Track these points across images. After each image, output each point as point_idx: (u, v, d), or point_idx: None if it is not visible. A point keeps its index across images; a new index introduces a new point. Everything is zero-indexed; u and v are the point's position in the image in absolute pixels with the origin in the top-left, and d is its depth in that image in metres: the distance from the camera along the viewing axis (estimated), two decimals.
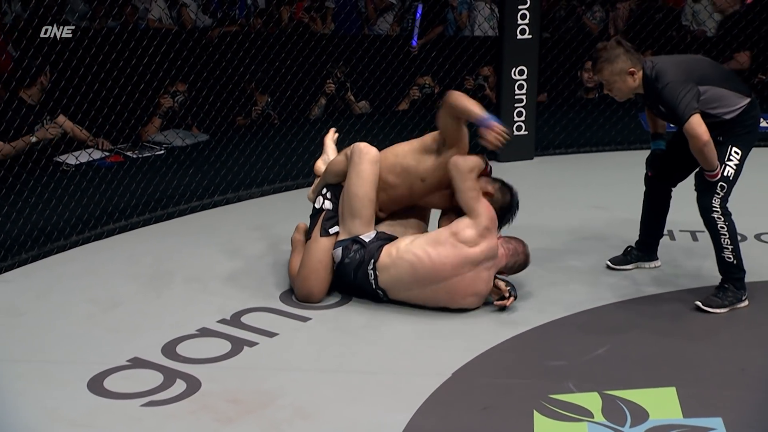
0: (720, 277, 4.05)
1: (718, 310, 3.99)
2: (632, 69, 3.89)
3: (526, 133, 6.23)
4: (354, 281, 4.00)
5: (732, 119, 3.92)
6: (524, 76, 6.14)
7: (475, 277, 3.91)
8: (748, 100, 3.95)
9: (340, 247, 4.00)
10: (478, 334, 3.81)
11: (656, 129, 4.27)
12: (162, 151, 6.03)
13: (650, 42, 7.02)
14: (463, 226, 3.89)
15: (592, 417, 3.22)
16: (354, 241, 3.99)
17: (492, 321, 3.94)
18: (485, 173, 4.07)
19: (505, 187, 4.09)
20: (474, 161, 3.98)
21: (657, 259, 4.49)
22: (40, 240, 4.64)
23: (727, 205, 3.95)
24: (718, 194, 3.92)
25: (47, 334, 3.84)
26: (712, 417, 3.20)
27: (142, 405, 3.31)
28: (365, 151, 4.05)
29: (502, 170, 6.08)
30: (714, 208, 3.92)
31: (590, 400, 3.31)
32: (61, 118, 5.73)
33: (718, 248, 3.98)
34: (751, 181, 4.95)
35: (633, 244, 4.49)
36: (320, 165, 4.45)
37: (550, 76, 6.82)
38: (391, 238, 4.03)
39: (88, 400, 3.35)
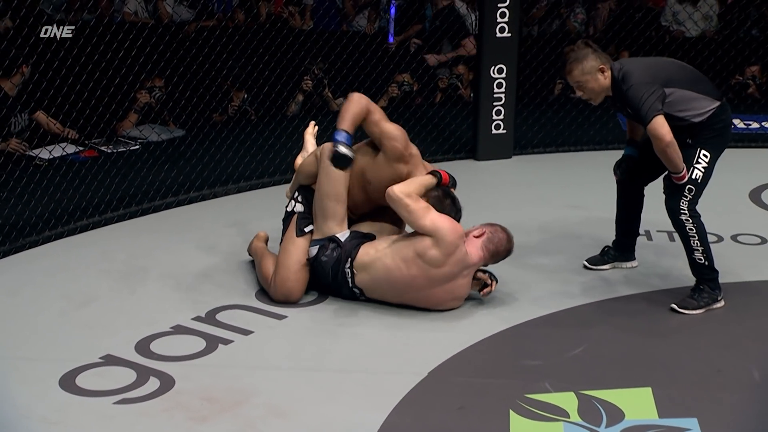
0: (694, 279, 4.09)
1: (693, 312, 4.02)
2: (602, 66, 3.93)
3: (505, 131, 6.24)
4: (330, 280, 4.00)
5: (701, 122, 3.94)
6: (503, 75, 6.15)
7: (452, 286, 3.92)
8: (718, 103, 3.97)
9: (317, 246, 4.00)
10: (455, 334, 3.82)
11: (632, 136, 4.28)
12: (137, 147, 6.00)
13: (629, 42, 7.07)
14: (427, 247, 3.82)
15: (568, 417, 3.24)
16: (330, 240, 3.99)
17: (469, 320, 3.95)
18: (443, 183, 4.02)
19: (444, 196, 3.97)
20: (406, 186, 3.90)
21: (634, 259, 4.52)
22: (12, 235, 4.61)
23: (697, 207, 3.97)
24: (686, 197, 3.93)
25: (18, 330, 3.82)
26: (688, 417, 3.23)
27: (115, 402, 3.29)
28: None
29: (480, 169, 6.14)
30: (682, 211, 3.95)
31: (566, 400, 3.33)
32: (38, 114, 5.71)
33: (689, 250, 4.01)
34: (727, 181, 5.05)
35: (610, 244, 4.52)
36: (299, 161, 4.45)
37: (529, 74, 6.83)
38: (367, 236, 4.03)
39: (60, 397, 3.33)
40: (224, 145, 5.87)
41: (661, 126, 3.80)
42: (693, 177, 3.93)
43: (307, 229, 4.07)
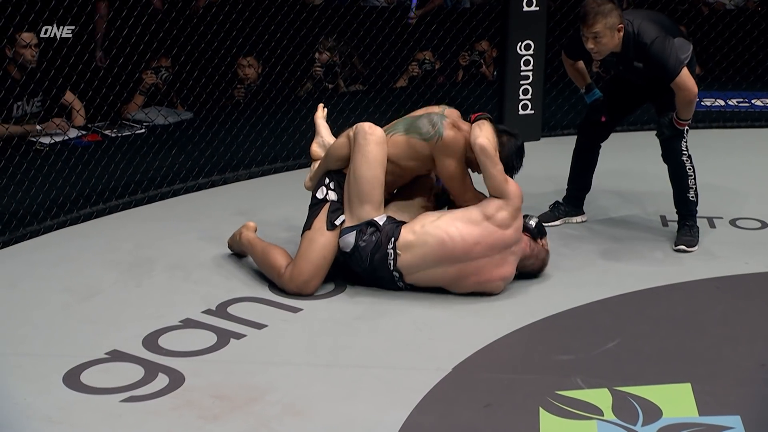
0: (678, 217, 4.58)
1: (695, 248, 4.49)
2: (620, 25, 4.23)
3: (533, 112, 6.22)
4: (370, 264, 4.00)
5: (688, 64, 4.32)
6: (530, 51, 6.12)
7: (503, 260, 3.98)
8: (691, 45, 4.44)
9: (353, 232, 3.99)
10: (481, 327, 3.82)
11: (586, 80, 4.63)
12: (143, 130, 6.01)
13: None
14: (497, 208, 3.95)
15: (602, 415, 3.23)
16: (368, 224, 3.98)
17: (495, 313, 3.94)
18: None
19: (510, 135, 4.18)
20: (495, 141, 4.03)
21: (584, 213, 4.88)
22: (12, 224, 4.63)
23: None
24: (685, 138, 4.43)
25: (20, 325, 3.84)
26: (730, 415, 3.21)
27: (122, 400, 3.31)
28: (370, 131, 4.03)
29: None
30: (683, 151, 4.44)
31: (600, 397, 3.32)
32: (70, 95, 5.74)
33: (684, 189, 4.49)
34: (726, 165, 5.46)
35: (560, 199, 4.87)
36: (316, 149, 4.41)
37: (559, 51, 6.78)
38: (403, 223, 4.03)
39: (64, 395, 3.35)
40: (235, 128, 5.88)
41: (688, 78, 4.23)
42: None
43: (338, 222, 4.05)
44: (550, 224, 4.74)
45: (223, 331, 3.78)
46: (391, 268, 3.98)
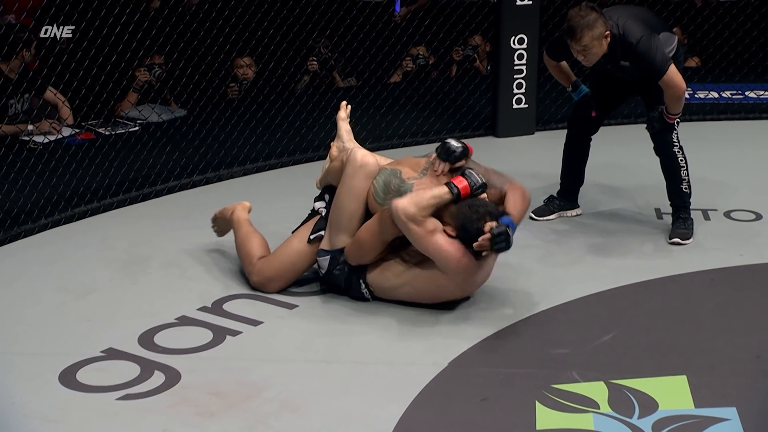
0: (671, 210, 4.59)
1: (689, 241, 4.50)
2: (607, 33, 4.22)
3: (527, 106, 6.22)
4: (344, 290, 3.99)
5: (672, 57, 4.33)
6: (524, 45, 6.12)
7: (486, 271, 3.88)
8: (676, 37, 4.47)
9: (327, 257, 3.97)
10: (476, 322, 3.82)
11: (571, 78, 4.65)
12: (137, 128, 6.00)
13: (658, 8, 7.00)
14: (441, 284, 3.78)
15: (598, 408, 3.23)
16: (340, 252, 3.96)
17: (490, 307, 3.94)
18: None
19: (459, 209, 3.71)
20: (413, 203, 3.67)
21: (578, 206, 4.87)
22: (6, 223, 4.62)
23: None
24: (676, 130, 4.46)
25: (15, 324, 3.83)
26: (726, 407, 3.22)
27: (118, 398, 3.31)
28: (361, 163, 3.90)
29: (500, 146, 6.11)
30: (674, 143, 4.46)
31: (596, 390, 3.32)
32: (49, 94, 5.74)
33: (677, 181, 4.51)
34: (720, 157, 5.52)
35: (554, 194, 4.85)
36: (333, 151, 4.30)
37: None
38: None
39: (60, 393, 3.34)
40: (229, 125, 5.87)
41: (676, 74, 4.24)
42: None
43: (314, 237, 4.01)
44: (545, 218, 4.77)
45: (219, 328, 3.78)
46: (369, 298, 3.95)
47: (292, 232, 4.13)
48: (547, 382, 3.37)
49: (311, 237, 4.02)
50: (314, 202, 4.16)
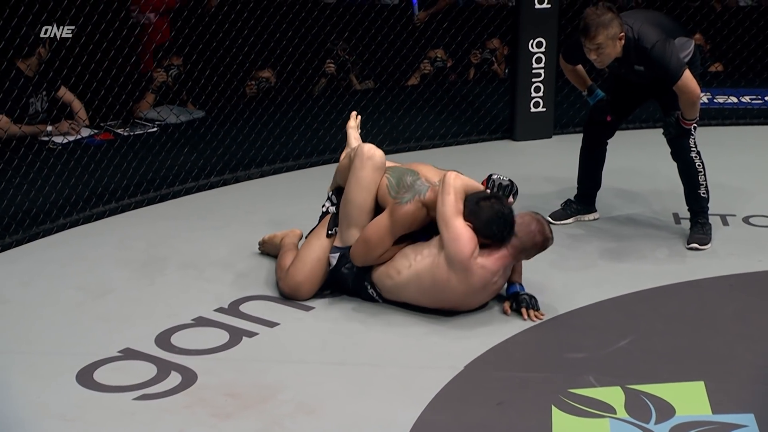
0: (689, 215, 4.58)
1: (708, 246, 4.49)
2: (621, 34, 4.22)
3: (544, 109, 6.21)
4: (351, 291, 4.00)
5: (688, 62, 4.35)
6: (542, 49, 6.11)
7: (484, 295, 3.87)
8: (693, 42, 4.47)
9: (337, 254, 3.97)
10: (493, 325, 3.81)
11: (587, 82, 4.65)
12: (155, 129, 6.02)
13: (677, 12, 6.98)
14: (445, 281, 3.74)
15: (615, 413, 3.22)
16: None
17: None
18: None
19: (489, 200, 3.78)
20: (461, 181, 3.80)
21: (596, 210, 4.86)
22: (25, 223, 4.65)
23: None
24: (693, 135, 4.43)
25: (33, 323, 3.85)
26: (744, 413, 3.20)
27: (135, 398, 3.32)
28: (368, 155, 3.93)
29: (517, 150, 6.11)
30: (692, 148, 4.44)
31: (612, 395, 3.31)
32: (62, 90, 5.76)
33: (695, 186, 4.49)
34: (739, 162, 5.51)
35: (572, 198, 4.85)
36: (344, 158, 4.33)
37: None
38: None
39: (77, 393, 3.36)
40: (246, 127, 5.88)
41: (691, 80, 4.23)
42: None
43: (332, 232, 4.02)
44: (562, 222, 4.75)
45: (236, 330, 3.78)
46: (378, 299, 3.95)
47: (306, 237, 4.14)
48: (563, 387, 3.36)
49: (329, 232, 4.03)
50: (322, 207, 4.17)
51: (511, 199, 3.92)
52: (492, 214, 3.72)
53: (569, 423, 3.18)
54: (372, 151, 3.96)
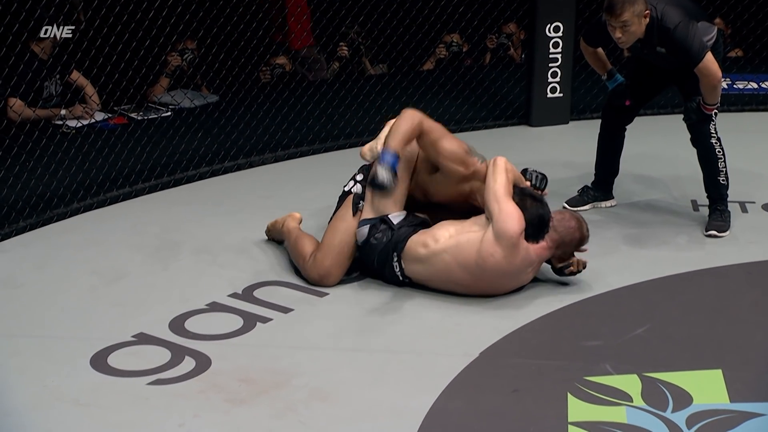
0: (708, 201, 4.57)
1: (726, 233, 4.47)
2: (647, 11, 4.20)
3: (561, 95, 6.18)
4: (375, 265, 3.99)
5: (711, 46, 4.31)
6: (560, 34, 6.08)
7: (515, 281, 3.90)
8: (716, 27, 4.46)
9: (367, 226, 3.98)
10: (508, 312, 3.81)
11: (607, 66, 4.63)
12: (169, 113, 6.03)
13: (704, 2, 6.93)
14: (488, 254, 3.77)
15: (631, 401, 3.22)
16: (382, 221, 3.96)
17: (523, 298, 3.93)
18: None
19: (535, 200, 3.93)
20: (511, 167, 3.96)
21: (613, 197, 4.86)
22: (39, 207, 4.66)
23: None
24: (713, 121, 4.42)
25: (47, 307, 3.87)
26: (762, 402, 3.19)
27: (149, 383, 3.33)
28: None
29: (534, 135, 6.09)
30: (712, 134, 4.43)
31: (629, 383, 3.31)
32: (75, 74, 5.77)
33: (715, 173, 4.47)
34: (759, 149, 5.54)
35: (589, 184, 4.84)
36: (365, 151, 4.31)
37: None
38: (423, 222, 4.00)
39: (91, 377, 3.37)
40: (261, 112, 5.88)
41: (712, 63, 4.21)
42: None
43: (360, 206, 4.03)
44: (578, 209, 4.73)
45: (250, 315, 3.79)
46: (400, 278, 3.95)
47: (329, 222, 4.13)
48: (579, 374, 3.35)
49: (357, 208, 4.02)
50: (343, 186, 4.16)
51: (547, 191, 4.10)
52: (535, 215, 3.85)
53: (585, 411, 3.17)
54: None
